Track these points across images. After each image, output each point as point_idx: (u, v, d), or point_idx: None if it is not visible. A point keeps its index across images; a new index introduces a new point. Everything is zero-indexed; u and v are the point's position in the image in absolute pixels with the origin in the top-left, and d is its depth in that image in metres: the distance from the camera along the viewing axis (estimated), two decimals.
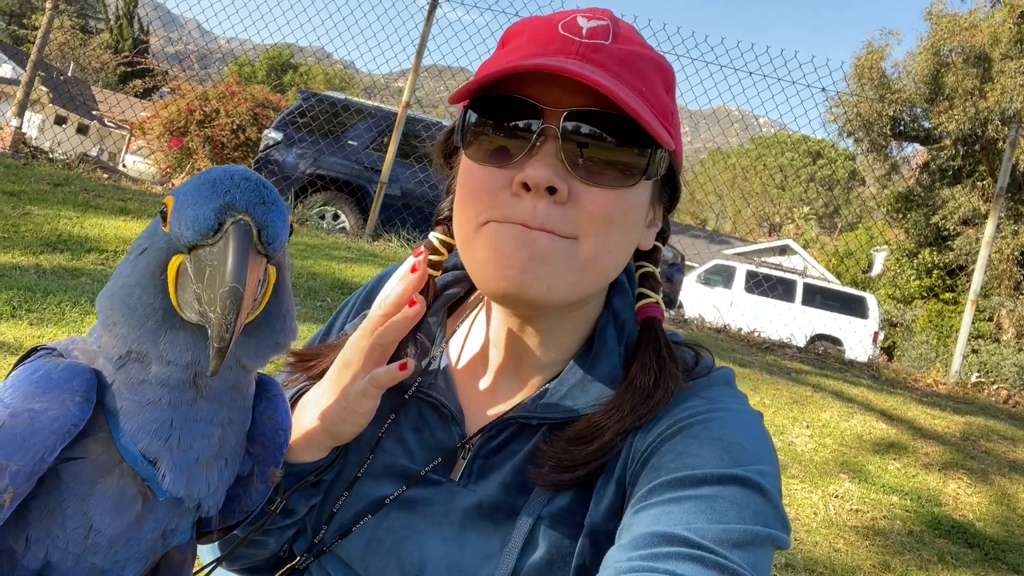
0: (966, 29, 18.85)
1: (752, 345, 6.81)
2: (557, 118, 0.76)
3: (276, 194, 0.63)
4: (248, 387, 0.72)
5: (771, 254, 30.97)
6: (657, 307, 0.91)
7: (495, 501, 0.82)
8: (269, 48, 45.81)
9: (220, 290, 0.57)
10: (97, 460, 0.64)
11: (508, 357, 0.90)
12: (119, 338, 0.64)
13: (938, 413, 5.26)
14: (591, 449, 0.79)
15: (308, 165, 9.14)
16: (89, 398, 0.63)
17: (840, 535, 3.41)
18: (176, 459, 0.65)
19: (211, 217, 0.59)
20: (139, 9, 48.44)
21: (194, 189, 0.61)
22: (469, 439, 0.87)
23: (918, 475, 4.11)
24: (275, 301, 0.67)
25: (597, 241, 0.79)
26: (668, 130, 0.80)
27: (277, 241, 0.62)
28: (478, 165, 0.81)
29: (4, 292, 4.17)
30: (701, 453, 0.74)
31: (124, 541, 0.67)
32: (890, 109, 19.36)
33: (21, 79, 9.31)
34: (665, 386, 0.82)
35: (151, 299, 0.63)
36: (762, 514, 0.69)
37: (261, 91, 13.72)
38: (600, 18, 0.81)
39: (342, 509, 0.87)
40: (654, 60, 0.82)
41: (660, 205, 0.91)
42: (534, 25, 0.82)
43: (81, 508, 0.64)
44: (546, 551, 0.78)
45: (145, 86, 16.00)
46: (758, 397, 4.90)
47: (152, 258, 0.63)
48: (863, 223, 28.16)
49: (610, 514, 0.78)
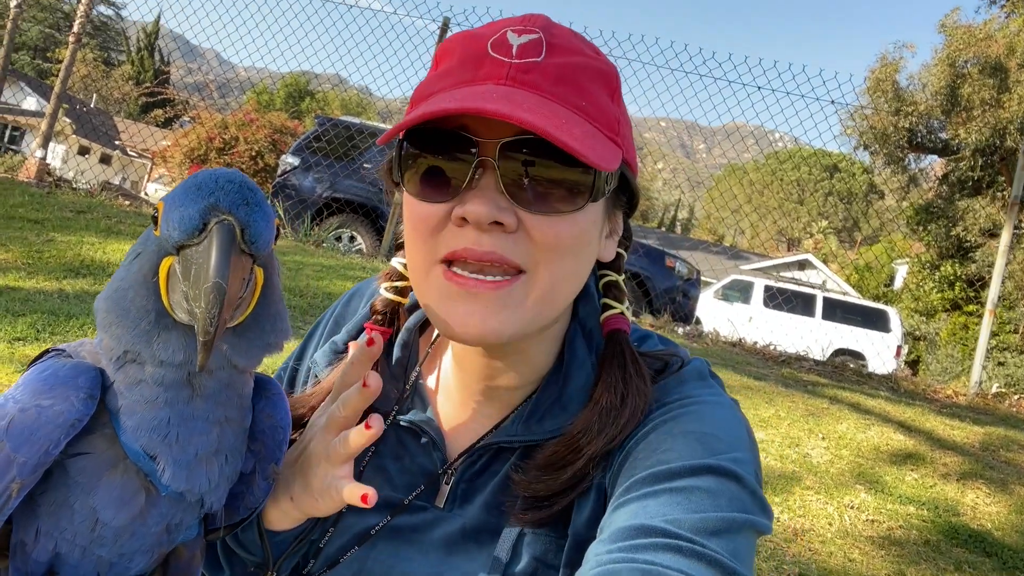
0: (981, 40, 18.77)
1: (768, 358, 6.79)
2: (493, 149, 0.73)
3: (261, 196, 0.65)
4: (244, 386, 0.73)
5: (790, 269, 30.75)
6: (622, 318, 0.89)
7: (479, 523, 0.82)
8: (286, 76, 46.52)
9: (204, 285, 0.59)
10: (102, 455, 0.67)
11: (481, 380, 0.89)
12: (115, 339, 0.67)
13: (957, 424, 5.21)
14: (564, 477, 0.79)
15: (324, 188, 9.27)
16: (93, 395, 0.66)
17: (855, 545, 3.38)
18: (175, 455, 0.67)
19: (196, 217, 0.62)
20: (159, 41, 49.42)
21: (181, 193, 0.64)
22: (451, 464, 0.87)
23: (936, 485, 4.07)
24: (264, 302, 0.69)
25: (551, 270, 0.77)
26: (615, 140, 0.78)
27: (260, 240, 0.64)
28: (417, 200, 0.78)
29: (29, 316, 4.27)
30: (675, 447, 0.75)
31: (129, 534, 0.69)
32: (906, 122, 19.27)
33: (45, 111, 9.54)
34: (632, 403, 0.80)
35: (144, 301, 0.65)
36: (738, 501, 0.70)
37: (279, 118, 13.94)
38: (531, 31, 0.77)
39: (328, 543, 0.87)
40: (592, 68, 0.78)
41: (619, 212, 0.88)
42: (464, 44, 0.79)
43: (87, 501, 0.67)
44: (530, 561, 0.79)
45: (166, 116, 16.30)
46: (773, 409, 4.88)
47: (144, 262, 0.66)
48: (883, 236, 27.94)
49: (591, 522, 0.77)
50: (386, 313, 0.95)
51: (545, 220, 0.75)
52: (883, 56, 20.54)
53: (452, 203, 0.76)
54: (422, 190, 0.78)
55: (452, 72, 0.77)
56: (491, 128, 0.74)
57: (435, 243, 0.77)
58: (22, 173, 9.01)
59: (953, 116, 18.82)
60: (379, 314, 0.95)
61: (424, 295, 0.81)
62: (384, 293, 0.95)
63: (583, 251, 0.80)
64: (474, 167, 0.74)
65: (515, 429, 0.85)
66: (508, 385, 0.88)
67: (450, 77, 0.77)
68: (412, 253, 0.81)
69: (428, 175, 0.77)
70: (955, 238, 20.08)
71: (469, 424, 0.89)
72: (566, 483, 0.78)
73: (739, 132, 10.60)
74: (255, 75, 14.85)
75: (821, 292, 17.06)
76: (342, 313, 1.04)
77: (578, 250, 0.79)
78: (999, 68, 18.27)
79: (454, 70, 0.77)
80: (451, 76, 0.77)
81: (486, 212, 0.73)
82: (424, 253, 0.79)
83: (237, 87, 19.23)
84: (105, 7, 50.61)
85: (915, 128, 19.93)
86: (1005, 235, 7.00)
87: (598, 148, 0.73)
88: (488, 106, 0.69)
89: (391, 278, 0.96)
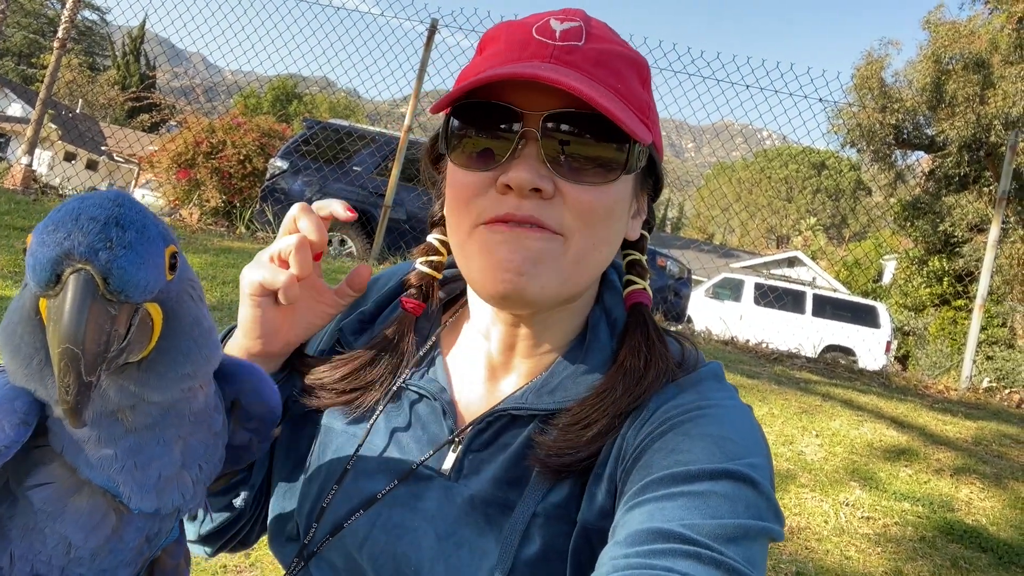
0: (965, 36, 18.92)
1: (760, 356, 6.80)
2: (536, 121, 0.79)
3: (136, 231, 0.56)
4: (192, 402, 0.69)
5: (779, 266, 30.88)
6: (644, 293, 0.93)
7: (487, 496, 0.82)
8: (274, 79, 46.38)
9: (56, 350, 0.53)
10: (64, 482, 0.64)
11: (501, 351, 0.92)
12: (14, 377, 0.61)
13: (949, 419, 5.23)
14: (591, 434, 0.80)
15: (314, 192, 9.23)
16: (27, 421, 0.60)
17: (851, 543, 3.39)
18: (137, 480, 0.64)
19: (47, 268, 0.54)
20: (145, 45, 49.17)
21: (38, 233, 0.55)
22: (460, 432, 0.87)
23: (930, 481, 4.09)
24: (170, 335, 0.61)
25: (584, 236, 0.81)
26: (645, 123, 0.83)
27: (131, 287, 0.55)
28: (463, 170, 0.83)
29: None
30: (692, 449, 0.74)
31: (107, 552, 0.67)
32: (892, 118, 19.40)
33: (31, 117, 9.46)
34: (656, 367, 0.84)
35: (31, 338, 0.58)
36: (755, 507, 0.70)
37: (267, 121, 13.86)
38: (572, 19, 0.84)
39: (333, 506, 0.87)
40: (627, 56, 0.85)
41: (644, 195, 0.93)
42: (509, 30, 0.85)
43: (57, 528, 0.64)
44: (541, 547, 0.78)
45: (152, 120, 16.23)
46: (767, 407, 4.89)
47: (27, 296, 0.59)
48: (871, 232, 28.09)
49: (602, 512, 0.78)
50: (421, 287, 0.98)
51: (581, 189, 0.80)
52: (869, 53, 20.67)
53: (495, 172, 0.81)
54: (468, 160, 0.83)
55: (499, 54, 0.83)
56: (534, 102, 0.79)
57: (478, 209, 0.82)
58: (8, 180, 8.93)
59: (939, 112, 18.95)
60: (414, 287, 0.98)
61: (466, 254, 0.85)
62: (420, 267, 0.99)
63: (614, 224, 0.85)
64: (518, 137, 0.80)
65: (526, 398, 0.87)
66: (526, 356, 0.91)
67: (497, 58, 0.83)
68: (455, 219, 0.86)
69: (474, 146, 0.83)
70: (942, 233, 20.21)
71: (482, 395, 0.91)
72: (592, 439, 0.80)
73: (728, 131, 10.64)
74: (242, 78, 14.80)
75: (811, 289, 17.15)
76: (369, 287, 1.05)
77: (609, 221, 0.84)
78: (983, 64, 18.41)
79: (500, 52, 0.83)
80: (498, 57, 0.83)
81: (528, 179, 0.78)
82: (467, 217, 0.83)
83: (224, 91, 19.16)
84: (90, 12, 50.32)
85: (901, 125, 20.06)
86: (993, 230, 7.04)
87: (633, 122, 0.79)
88: (541, 73, 0.75)
89: (427, 252, 1.00)
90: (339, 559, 0.86)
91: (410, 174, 8.63)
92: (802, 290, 16.72)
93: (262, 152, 12.14)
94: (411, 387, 0.92)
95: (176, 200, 12.61)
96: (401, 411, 0.92)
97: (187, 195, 12.14)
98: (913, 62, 20.11)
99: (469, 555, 0.80)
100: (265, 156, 11.81)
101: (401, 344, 0.95)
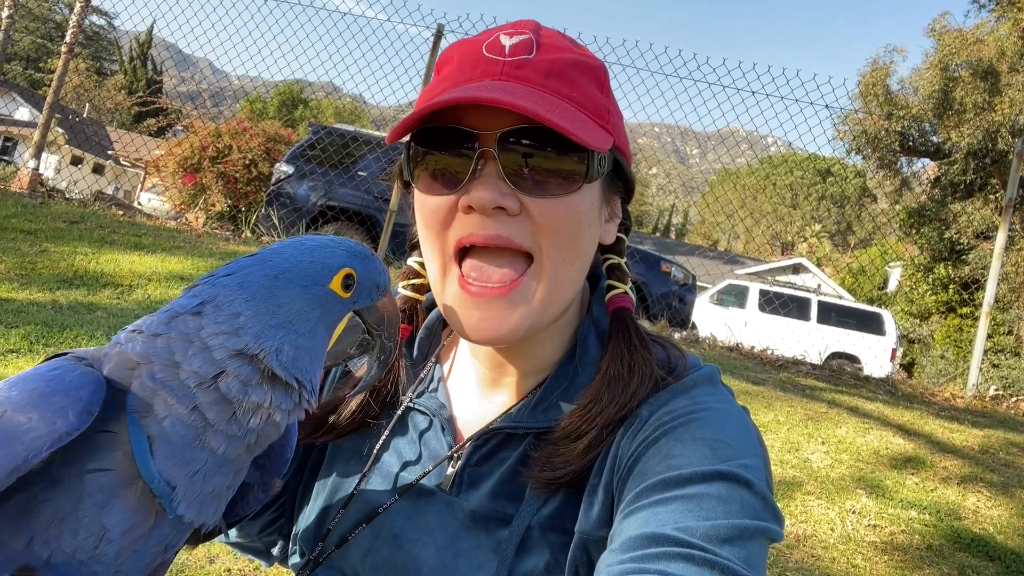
0: (972, 44, 18.89)
1: (765, 363, 6.78)
2: (492, 140, 0.79)
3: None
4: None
5: (784, 273, 30.82)
6: (626, 297, 0.93)
7: (486, 510, 0.84)
8: (280, 84, 46.53)
9: (395, 338, 0.82)
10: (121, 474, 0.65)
11: (490, 368, 0.93)
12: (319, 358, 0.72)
13: (956, 427, 5.21)
14: (581, 447, 0.81)
15: (319, 197, 9.25)
16: (91, 409, 0.63)
17: (858, 551, 3.37)
18: (196, 489, 0.67)
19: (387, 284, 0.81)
20: (152, 50, 49.40)
21: (369, 259, 0.78)
22: (458, 448, 0.89)
23: (936, 489, 4.06)
24: None
25: (554, 251, 0.81)
26: (605, 128, 0.83)
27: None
28: (427, 195, 0.84)
29: (22, 327, 4.23)
30: (685, 453, 0.74)
31: (130, 553, 0.68)
32: (898, 125, 19.37)
33: (38, 121, 9.50)
34: (640, 372, 0.84)
35: (352, 336, 0.79)
36: (750, 507, 0.70)
37: (272, 126, 13.91)
38: (522, 32, 0.83)
39: (342, 521, 0.90)
40: (581, 62, 0.84)
41: (616, 198, 0.93)
42: (461, 50, 0.85)
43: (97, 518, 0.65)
44: (538, 558, 0.80)
45: (159, 125, 16.26)
46: (772, 414, 4.87)
47: (335, 309, 0.77)
48: (876, 239, 28.03)
49: (600, 521, 0.78)
50: (404, 311, 0.99)
51: (545, 203, 0.80)
52: (874, 60, 20.66)
53: (458, 194, 0.81)
54: (431, 185, 0.84)
55: (451, 75, 0.83)
56: (490, 122, 0.79)
57: (446, 236, 0.83)
58: (15, 184, 8.96)
59: (945, 119, 18.91)
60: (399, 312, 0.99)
61: (442, 298, 0.86)
62: (402, 291, 1.00)
63: (583, 232, 0.84)
64: (476, 158, 0.80)
65: (521, 416, 0.87)
66: (517, 373, 0.91)
67: (450, 79, 0.83)
68: (427, 250, 0.87)
69: (435, 171, 0.83)
70: (948, 241, 20.15)
71: (480, 411, 0.92)
72: (583, 452, 0.80)
73: (733, 137, 10.63)
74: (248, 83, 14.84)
75: (816, 296, 17.09)
76: None
77: (578, 231, 0.83)
78: (990, 71, 18.38)
79: (453, 73, 0.83)
80: (451, 78, 0.83)
81: (489, 197, 0.78)
82: (438, 248, 0.84)
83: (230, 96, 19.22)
84: (97, 17, 50.61)
85: (907, 131, 20.03)
86: (1000, 237, 7.02)
87: (587, 130, 0.78)
88: (484, 95, 0.75)
89: (408, 276, 1.01)
90: (344, 570, 0.88)
91: None
92: (807, 297, 16.66)
93: (268, 157, 12.18)
94: (412, 405, 0.94)
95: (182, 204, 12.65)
96: (403, 428, 0.94)
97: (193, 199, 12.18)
98: (919, 69, 20.09)
99: (468, 567, 0.81)
100: (271, 161, 11.85)
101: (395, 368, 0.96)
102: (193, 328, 0.68)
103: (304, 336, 0.70)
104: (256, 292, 0.70)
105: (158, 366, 0.67)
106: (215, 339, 0.68)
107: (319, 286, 0.72)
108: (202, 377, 0.66)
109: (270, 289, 0.71)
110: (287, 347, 0.69)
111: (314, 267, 0.73)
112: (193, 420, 0.66)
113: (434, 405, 0.93)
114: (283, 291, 0.71)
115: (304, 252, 0.74)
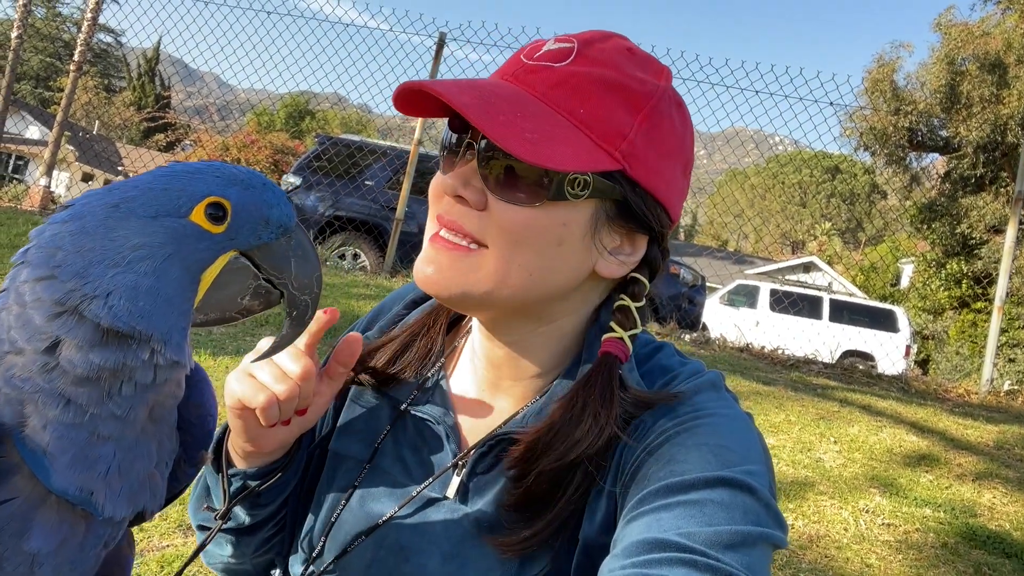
0: (979, 37, 18.78)
1: (776, 363, 6.75)
2: (478, 136, 0.81)
3: None
4: (180, 387, 0.68)
5: (795, 272, 30.68)
6: (618, 344, 0.86)
7: (491, 519, 0.83)
8: (286, 96, 46.77)
9: (313, 275, 0.71)
10: (30, 497, 0.59)
11: (487, 368, 0.93)
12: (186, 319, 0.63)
13: (970, 423, 5.16)
14: (528, 485, 0.80)
15: (327, 207, 9.29)
16: None
17: (872, 550, 3.34)
18: (117, 485, 0.61)
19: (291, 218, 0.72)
20: (159, 66, 49.79)
21: (268, 191, 0.68)
22: (463, 455, 0.88)
23: (951, 486, 4.03)
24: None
25: (505, 253, 0.81)
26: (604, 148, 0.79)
27: None
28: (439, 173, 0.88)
29: None
30: (688, 459, 0.74)
31: (69, 566, 0.63)
32: (906, 121, 19.26)
33: (48, 139, 9.59)
34: (585, 428, 0.80)
35: (241, 277, 0.70)
36: (753, 513, 0.69)
37: (279, 138, 14.01)
38: (568, 41, 0.83)
39: (341, 528, 0.89)
40: (612, 82, 0.81)
41: (629, 231, 0.86)
42: (524, 47, 0.87)
43: (19, 547, 0.59)
44: (543, 566, 0.80)
45: (168, 140, 16.39)
46: (783, 414, 4.84)
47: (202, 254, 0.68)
48: (887, 236, 27.86)
49: (603, 528, 0.78)
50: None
51: (505, 206, 0.81)
52: (880, 56, 20.57)
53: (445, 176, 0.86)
54: (441, 163, 0.88)
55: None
56: None
57: (436, 210, 0.87)
58: (27, 202, 9.06)
59: (953, 114, 18.79)
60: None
61: None
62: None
63: (546, 247, 0.82)
64: (464, 148, 0.84)
65: (524, 422, 0.87)
66: (513, 376, 0.91)
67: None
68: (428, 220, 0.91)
69: (444, 153, 0.88)
70: (960, 235, 20.00)
71: (484, 418, 0.92)
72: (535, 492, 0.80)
73: (739, 137, 10.60)
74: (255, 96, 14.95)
75: (827, 294, 17.00)
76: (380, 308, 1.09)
77: (538, 245, 0.81)
78: (998, 64, 18.26)
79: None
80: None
81: (451, 184, 0.83)
82: (432, 218, 0.88)
83: (237, 109, 19.36)
84: (105, 35, 51.04)
85: (915, 127, 19.91)
86: (1011, 231, 6.96)
87: (551, 148, 0.76)
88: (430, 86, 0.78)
89: None
90: None
91: (421, 187, 8.67)
92: (819, 295, 16.57)
93: (275, 168, 12.26)
94: (415, 412, 0.94)
95: None
96: (407, 435, 0.93)
97: None
98: (926, 64, 19.98)
99: (475, 574, 0.81)
100: (279, 172, 11.92)
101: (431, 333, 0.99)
102: (12, 283, 0.58)
103: (146, 276, 0.58)
104: (86, 224, 0.59)
105: (1, 359, 0.58)
106: (30, 290, 0.57)
107: (172, 217, 0.60)
108: (42, 357, 0.57)
109: (103, 220, 0.59)
110: (120, 289, 0.57)
111: (168, 195, 0.61)
112: (71, 417, 0.58)
113: (437, 412, 0.92)
114: (121, 223, 0.59)
115: (160, 178, 0.63)
